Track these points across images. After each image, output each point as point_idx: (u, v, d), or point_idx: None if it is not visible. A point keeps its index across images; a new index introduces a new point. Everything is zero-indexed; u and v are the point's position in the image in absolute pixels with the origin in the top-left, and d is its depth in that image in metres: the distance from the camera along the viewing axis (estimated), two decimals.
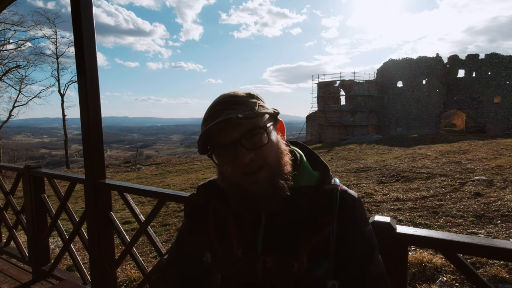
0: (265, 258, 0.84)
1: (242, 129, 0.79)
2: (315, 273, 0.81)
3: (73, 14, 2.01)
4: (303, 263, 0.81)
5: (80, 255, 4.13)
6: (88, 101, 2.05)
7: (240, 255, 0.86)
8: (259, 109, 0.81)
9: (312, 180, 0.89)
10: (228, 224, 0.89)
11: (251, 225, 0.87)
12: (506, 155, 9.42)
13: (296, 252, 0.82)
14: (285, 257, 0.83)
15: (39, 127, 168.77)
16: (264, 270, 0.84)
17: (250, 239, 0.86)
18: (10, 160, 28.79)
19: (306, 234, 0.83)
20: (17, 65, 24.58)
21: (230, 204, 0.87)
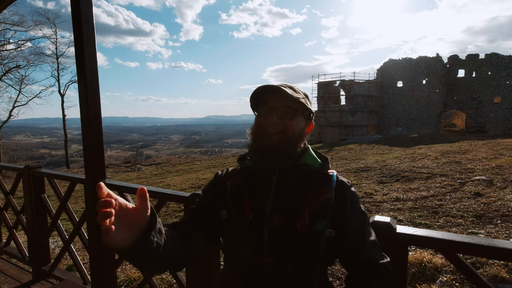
0: (273, 217, 1.00)
1: (283, 102, 1.05)
2: (315, 228, 0.98)
3: (73, 14, 2.02)
4: (305, 221, 0.98)
5: (80, 255, 4.13)
6: (88, 101, 2.05)
7: (251, 217, 1.03)
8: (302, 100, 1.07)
9: (317, 163, 1.10)
10: (243, 193, 1.08)
11: (262, 190, 1.06)
12: (506, 155, 9.42)
13: (299, 213, 0.99)
14: (290, 216, 1.00)
15: (39, 127, 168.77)
16: (271, 230, 1.00)
17: (261, 204, 1.04)
18: (10, 160, 28.79)
19: (308, 199, 1.01)
20: (17, 65, 24.59)
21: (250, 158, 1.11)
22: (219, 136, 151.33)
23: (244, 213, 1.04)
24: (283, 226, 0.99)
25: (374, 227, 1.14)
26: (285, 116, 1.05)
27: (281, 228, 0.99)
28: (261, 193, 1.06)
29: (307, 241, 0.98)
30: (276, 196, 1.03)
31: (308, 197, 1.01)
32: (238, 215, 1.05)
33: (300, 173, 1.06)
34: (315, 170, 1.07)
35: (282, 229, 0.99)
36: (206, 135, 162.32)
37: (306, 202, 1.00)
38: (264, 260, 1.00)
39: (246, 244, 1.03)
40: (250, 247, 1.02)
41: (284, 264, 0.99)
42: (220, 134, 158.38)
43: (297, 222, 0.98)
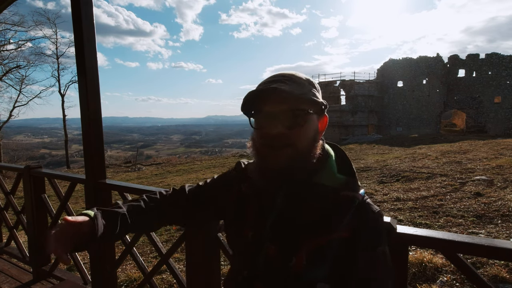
0: (269, 245, 0.85)
1: (286, 105, 0.80)
2: (310, 274, 0.79)
3: (73, 14, 2.02)
4: (302, 260, 0.80)
5: (81, 255, 4.13)
6: (88, 101, 2.05)
7: (250, 237, 0.90)
8: (309, 94, 0.83)
9: (335, 181, 0.85)
10: (246, 206, 0.94)
11: (265, 210, 0.89)
12: (506, 155, 9.41)
13: (297, 247, 0.81)
14: (286, 248, 0.83)
15: (40, 127, 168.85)
16: (266, 258, 0.86)
17: (261, 224, 0.89)
18: (11, 160, 28.79)
19: (312, 233, 0.81)
20: (17, 65, 24.59)
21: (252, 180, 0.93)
22: (219, 136, 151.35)
23: (243, 231, 0.92)
24: (278, 258, 0.84)
25: None
26: (292, 122, 0.80)
27: (276, 259, 0.84)
28: (264, 211, 0.89)
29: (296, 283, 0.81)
30: (278, 220, 0.86)
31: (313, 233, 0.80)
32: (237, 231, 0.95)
33: (311, 195, 0.83)
34: (331, 193, 0.83)
35: (276, 260, 0.84)
36: (206, 135, 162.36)
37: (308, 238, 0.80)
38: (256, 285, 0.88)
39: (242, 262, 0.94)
40: (245, 267, 0.91)
41: None
42: (220, 134, 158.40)
43: (292, 258, 0.81)
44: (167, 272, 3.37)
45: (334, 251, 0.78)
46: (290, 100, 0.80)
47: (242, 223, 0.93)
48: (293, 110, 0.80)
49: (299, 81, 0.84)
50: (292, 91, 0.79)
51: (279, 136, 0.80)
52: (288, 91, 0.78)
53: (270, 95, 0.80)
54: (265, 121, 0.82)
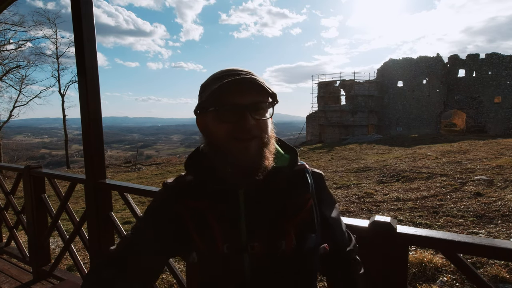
0: (252, 244, 0.82)
1: (257, 97, 0.81)
2: (304, 247, 0.84)
3: (73, 14, 2.02)
4: (291, 240, 0.83)
5: (81, 255, 4.13)
6: (88, 101, 2.06)
7: (226, 250, 0.82)
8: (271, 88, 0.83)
9: (285, 161, 0.90)
10: (208, 220, 0.84)
11: (231, 214, 0.84)
12: (506, 155, 9.41)
13: (282, 231, 0.83)
14: (271, 237, 0.83)
15: (40, 127, 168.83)
16: (252, 259, 0.82)
17: (233, 230, 0.83)
18: (11, 160, 28.78)
19: (289, 212, 0.84)
20: (17, 65, 24.59)
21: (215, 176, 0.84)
22: None
23: (217, 247, 0.82)
24: (266, 251, 0.82)
25: (374, 227, 1.14)
26: (262, 114, 0.82)
27: (264, 254, 0.82)
28: (230, 216, 0.84)
29: (298, 262, 0.84)
30: (249, 216, 0.83)
31: (289, 208, 0.85)
32: (210, 251, 0.83)
33: (270, 181, 0.84)
34: (287, 171, 0.88)
35: (265, 255, 0.82)
36: None
37: (288, 215, 0.84)
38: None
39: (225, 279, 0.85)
40: (230, 282, 0.84)
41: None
42: None
43: (282, 242, 0.82)
44: (167, 272, 3.37)
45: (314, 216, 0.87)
46: (260, 92, 0.81)
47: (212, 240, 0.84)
48: (263, 102, 0.82)
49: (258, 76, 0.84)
50: (263, 83, 0.80)
51: (251, 129, 0.79)
52: (262, 82, 0.79)
53: (242, 88, 0.78)
54: (237, 114, 0.79)
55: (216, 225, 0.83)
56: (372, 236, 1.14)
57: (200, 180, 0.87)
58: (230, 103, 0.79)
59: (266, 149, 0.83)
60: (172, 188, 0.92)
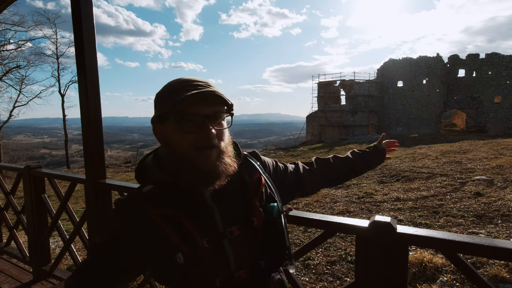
0: (230, 229, 0.91)
1: (217, 108, 0.87)
2: (272, 215, 0.96)
3: (73, 14, 2.02)
4: (259, 214, 0.95)
5: (81, 255, 4.13)
6: (88, 101, 2.06)
7: (206, 243, 0.87)
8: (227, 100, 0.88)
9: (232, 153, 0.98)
10: (182, 223, 0.86)
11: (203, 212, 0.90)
12: (506, 154, 9.41)
13: (250, 210, 0.95)
14: (244, 219, 0.94)
15: (40, 127, 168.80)
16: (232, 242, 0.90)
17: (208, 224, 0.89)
18: (11, 160, 28.77)
19: (250, 192, 0.96)
20: (17, 66, 24.57)
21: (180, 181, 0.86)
22: None
23: (197, 244, 0.86)
24: (243, 232, 0.92)
25: (374, 227, 1.14)
26: (221, 124, 0.89)
27: (241, 234, 0.92)
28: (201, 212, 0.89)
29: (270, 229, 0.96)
30: (220, 207, 0.91)
31: (249, 190, 0.97)
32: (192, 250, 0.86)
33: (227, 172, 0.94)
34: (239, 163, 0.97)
35: (243, 235, 0.92)
36: None
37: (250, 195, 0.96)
38: (236, 276, 0.90)
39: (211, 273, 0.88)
40: (217, 273, 0.89)
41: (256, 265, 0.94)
42: None
43: (253, 219, 0.94)
44: None
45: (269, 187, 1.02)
46: (220, 104, 0.87)
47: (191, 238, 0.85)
48: (222, 112, 0.88)
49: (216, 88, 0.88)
50: (223, 95, 0.86)
51: (212, 138, 0.84)
52: (222, 94, 0.85)
53: (203, 100, 0.83)
54: (197, 125, 0.83)
55: (190, 225, 0.86)
56: (372, 236, 1.14)
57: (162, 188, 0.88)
58: (193, 114, 0.83)
59: (224, 156, 0.90)
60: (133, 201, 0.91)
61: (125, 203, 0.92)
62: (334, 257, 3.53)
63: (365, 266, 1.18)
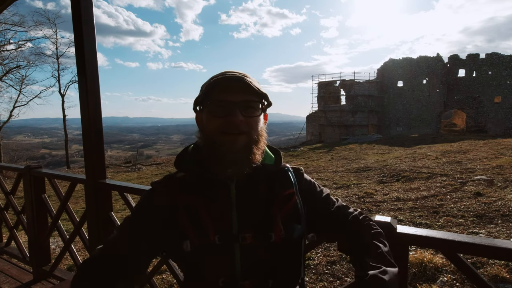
0: (244, 235, 0.88)
1: (247, 96, 0.88)
2: (292, 237, 0.91)
3: (73, 14, 2.02)
4: (279, 231, 0.89)
5: (81, 255, 4.13)
6: (88, 101, 2.06)
7: (218, 240, 0.87)
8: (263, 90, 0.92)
9: (271, 161, 0.99)
10: (200, 212, 0.89)
11: (223, 207, 0.90)
12: (506, 154, 9.41)
13: (271, 223, 0.90)
14: (261, 229, 0.89)
15: (40, 127, 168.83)
16: (243, 249, 0.88)
17: (225, 221, 0.89)
18: (11, 160, 28.76)
19: (276, 206, 0.91)
20: (17, 66, 24.58)
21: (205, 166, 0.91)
22: None
23: (209, 237, 0.87)
24: (257, 242, 0.88)
25: None
26: (249, 112, 0.89)
27: (255, 244, 0.88)
28: (221, 208, 0.90)
29: (286, 249, 0.91)
30: (240, 209, 0.90)
31: (276, 203, 0.92)
32: (202, 241, 0.88)
33: (259, 176, 0.93)
34: (273, 170, 0.97)
35: (256, 245, 0.88)
36: None
37: (275, 208, 0.91)
38: (240, 285, 0.88)
39: (215, 271, 0.89)
40: (221, 273, 0.89)
41: (264, 282, 0.90)
42: None
43: (271, 234, 0.89)
44: (167, 272, 3.37)
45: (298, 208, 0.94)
46: (250, 91, 0.88)
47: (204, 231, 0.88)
48: (252, 101, 0.89)
49: (252, 78, 0.92)
50: (252, 82, 0.88)
51: (239, 124, 0.86)
52: (251, 82, 0.87)
53: (233, 86, 0.87)
54: (227, 110, 0.87)
55: (208, 217, 0.88)
56: None
57: (191, 176, 0.94)
58: (222, 100, 0.87)
59: (254, 145, 0.90)
60: (162, 185, 0.96)
61: (157, 185, 0.97)
62: (334, 257, 3.53)
63: None
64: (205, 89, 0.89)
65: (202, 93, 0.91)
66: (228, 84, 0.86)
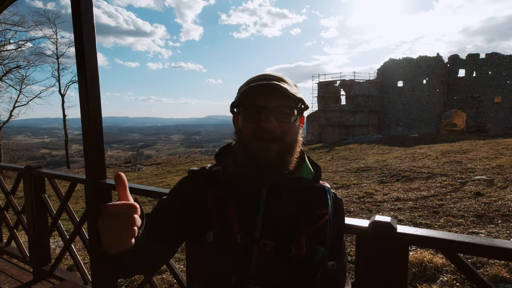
0: (265, 241, 0.87)
1: (281, 101, 0.87)
2: (313, 258, 0.87)
3: (73, 14, 2.02)
4: (301, 248, 0.86)
5: (81, 255, 4.13)
6: (88, 101, 2.06)
7: (239, 239, 0.87)
8: (298, 94, 0.90)
9: (310, 175, 0.96)
10: (228, 208, 0.90)
11: (250, 208, 0.90)
12: (506, 154, 9.41)
13: (294, 238, 0.87)
14: (283, 241, 0.87)
15: (40, 127, 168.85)
16: (261, 254, 0.87)
17: (249, 223, 0.89)
18: (11, 160, 28.76)
19: (304, 221, 0.89)
20: (17, 66, 24.59)
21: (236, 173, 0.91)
22: (220, 136, 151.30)
23: (231, 234, 0.88)
24: (276, 253, 0.87)
25: (374, 227, 1.14)
26: (285, 117, 0.88)
27: (273, 254, 0.87)
28: (249, 209, 0.90)
29: (302, 269, 0.87)
30: (267, 215, 0.89)
31: (305, 219, 0.89)
32: (225, 236, 0.89)
33: (294, 188, 0.91)
34: (310, 185, 0.94)
35: (274, 255, 0.87)
36: (206, 135, 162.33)
37: (303, 224, 0.88)
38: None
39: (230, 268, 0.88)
40: (235, 271, 0.88)
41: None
42: (220, 134, 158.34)
43: (292, 248, 0.86)
44: (167, 272, 3.38)
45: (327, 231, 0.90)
46: (284, 97, 0.86)
47: (228, 226, 0.88)
48: (287, 106, 0.88)
49: (289, 82, 0.91)
50: (287, 89, 0.85)
51: (272, 130, 0.85)
52: (285, 88, 0.85)
53: (267, 91, 0.86)
54: (260, 115, 0.86)
55: (234, 215, 0.89)
56: (372, 236, 1.14)
57: (226, 172, 0.95)
58: (256, 104, 0.87)
59: (288, 152, 0.89)
60: (198, 174, 0.98)
61: (193, 173, 1.00)
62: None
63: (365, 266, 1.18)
64: (241, 93, 0.89)
65: (238, 96, 0.91)
66: (263, 89, 0.86)
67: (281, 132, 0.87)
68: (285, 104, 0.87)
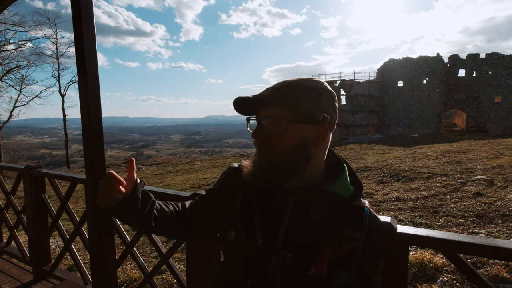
0: (285, 253, 0.84)
1: (268, 111, 0.85)
2: (332, 282, 0.82)
3: (73, 14, 2.02)
4: (321, 269, 0.81)
5: (81, 255, 4.13)
6: (88, 101, 2.05)
7: (260, 245, 0.87)
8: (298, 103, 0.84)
9: (348, 192, 0.89)
10: (254, 212, 0.91)
11: (276, 215, 0.88)
12: (506, 154, 9.41)
13: (316, 256, 0.82)
14: (304, 256, 0.83)
15: (40, 127, 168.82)
16: (279, 264, 0.84)
17: (272, 230, 0.87)
18: (11, 160, 28.76)
19: (330, 241, 0.83)
20: (17, 66, 24.59)
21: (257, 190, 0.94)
22: (220, 136, 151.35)
23: (254, 238, 0.88)
24: (294, 267, 0.83)
25: None
26: (268, 127, 0.85)
27: (291, 268, 0.83)
28: (273, 217, 0.88)
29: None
30: (292, 226, 0.86)
31: (331, 238, 0.83)
32: (247, 239, 0.89)
33: (323, 202, 0.85)
34: (345, 202, 0.86)
35: (292, 269, 0.83)
36: (206, 135, 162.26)
37: (328, 244, 0.82)
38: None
39: (247, 271, 0.88)
40: (252, 275, 0.87)
41: None
42: (220, 134, 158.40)
43: (312, 267, 0.81)
44: (167, 272, 3.38)
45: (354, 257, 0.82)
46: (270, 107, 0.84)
47: (251, 230, 0.89)
48: (269, 115, 0.85)
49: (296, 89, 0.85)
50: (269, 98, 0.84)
51: (259, 139, 0.87)
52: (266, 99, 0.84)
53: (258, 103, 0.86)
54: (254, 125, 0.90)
55: (259, 220, 0.89)
56: None
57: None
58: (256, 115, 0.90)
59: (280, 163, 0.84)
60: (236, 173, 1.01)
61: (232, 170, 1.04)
62: None
63: None
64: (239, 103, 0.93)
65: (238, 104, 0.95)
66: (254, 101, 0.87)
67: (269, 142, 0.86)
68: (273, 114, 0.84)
